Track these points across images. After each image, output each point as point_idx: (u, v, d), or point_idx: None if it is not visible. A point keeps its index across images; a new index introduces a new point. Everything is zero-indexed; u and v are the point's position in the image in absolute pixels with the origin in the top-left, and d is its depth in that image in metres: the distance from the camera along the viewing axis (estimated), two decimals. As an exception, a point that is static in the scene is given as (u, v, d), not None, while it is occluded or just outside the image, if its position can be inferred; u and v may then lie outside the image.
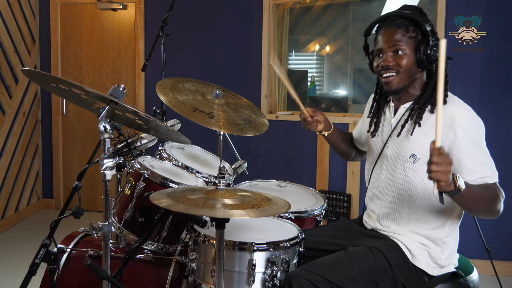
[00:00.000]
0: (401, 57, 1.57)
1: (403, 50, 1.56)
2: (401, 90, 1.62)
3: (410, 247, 1.61)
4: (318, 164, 3.88)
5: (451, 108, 1.53)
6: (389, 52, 1.58)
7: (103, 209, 1.50)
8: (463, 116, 1.51)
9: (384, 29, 1.60)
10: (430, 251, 1.60)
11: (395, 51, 1.57)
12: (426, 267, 1.59)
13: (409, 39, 1.57)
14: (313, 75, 4.85)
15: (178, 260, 1.92)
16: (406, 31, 1.57)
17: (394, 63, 1.58)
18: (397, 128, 1.66)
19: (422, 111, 1.59)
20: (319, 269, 1.51)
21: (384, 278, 1.55)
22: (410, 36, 1.57)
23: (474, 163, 1.49)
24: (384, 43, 1.59)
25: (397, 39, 1.56)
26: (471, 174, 1.48)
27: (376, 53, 1.65)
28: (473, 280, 1.69)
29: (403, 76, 1.59)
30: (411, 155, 1.59)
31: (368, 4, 4.24)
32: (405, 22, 1.57)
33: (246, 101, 1.85)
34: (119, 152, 1.74)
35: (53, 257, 1.77)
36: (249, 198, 1.47)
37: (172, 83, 1.75)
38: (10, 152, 4.13)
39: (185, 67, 4.32)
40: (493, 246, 2.82)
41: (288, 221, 1.87)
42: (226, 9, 4.22)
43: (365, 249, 1.60)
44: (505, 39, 3.21)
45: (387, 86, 1.62)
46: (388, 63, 1.58)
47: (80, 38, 4.60)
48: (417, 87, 1.64)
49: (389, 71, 1.59)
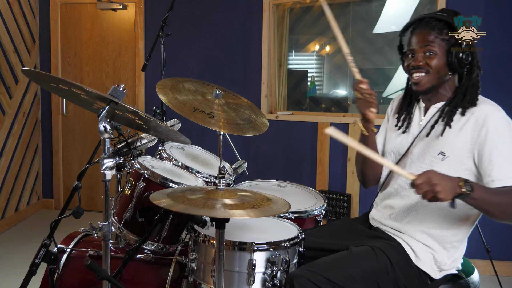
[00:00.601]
0: (432, 57, 1.58)
1: (435, 51, 1.58)
2: (430, 90, 1.63)
3: (415, 249, 1.60)
4: (318, 164, 3.88)
5: (483, 108, 1.55)
6: (420, 53, 1.60)
7: (103, 209, 1.50)
8: (495, 115, 1.53)
9: (418, 30, 1.62)
10: (436, 254, 1.59)
11: (427, 51, 1.59)
12: (430, 270, 1.59)
13: (442, 41, 1.58)
14: (313, 75, 4.85)
15: (178, 260, 1.92)
16: (439, 33, 1.58)
17: (424, 62, 1.59)
18: (426, 128, 1.65)
19: (453, 113, 1.59)
20: (321, 269, 1.51)
21: (386, 279, 1.55)
22: (443, 39, 1.58)
23: (505, 162, 1.49)
24: (416, 44, 1.61)
25: (430, 40, 1.58)
26: (501, 172, 1.47)
27: (408, 53, 1.66)
28: (474, 281, 1.68)
29: (432, 77, 1.60)
30: (440, 152, 1.58)
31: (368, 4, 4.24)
32: (440, 25, 1.58)
33: (246, 101, 1.85)
34: (119, 152, 1.74)
35: (53, 257, 1.77)
36: (249, 198, 1.47)
37: (172, 83, 1.75)
38: (10, 152, 4.13)
39: (185, 67, 4.32)
40: (493, 246, 2.82)
41: (288, 221, 1.87)
42: (226, 9, 4.22)
43: (367, 249, 1.59)
44: (505, 39, 3.21)
45: (416, 86, 1.63)
46: (418, 63, 1.60)
47: (80, 38, 4.60)
48: (448, 89, 1.65)
49: (419, 71, 1.60)
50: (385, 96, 4.26)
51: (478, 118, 1.53)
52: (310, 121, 3.94)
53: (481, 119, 1.53)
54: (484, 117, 1.52)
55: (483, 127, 1.51)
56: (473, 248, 3.16)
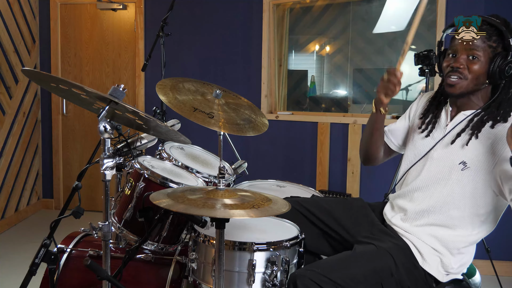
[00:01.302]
0: (474, 62, 1.53)
1: (479, 56, 1.53)
2: (464, 95, 1.59)
3: (422, 251, 1.58)
4: (318, 164, 3.88)
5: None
6: (463, 55, 1.55)
7: (103, 209, 1.50)
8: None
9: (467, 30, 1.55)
10: (443, 258, 1.58)
11: (470, 55, 1.54)
12: (436, 273, 1.57)
13: (488, 47, 1.53)
14: (313, 75, 4.85)
15: (178, 260, 1.92)
16: (488, 39, 1.53)
17: (465, 66, 1.54)
18: (451, 134, 1.61)
19: (482, 125, 1.55)
20: (324, 269, 1.49)
21: (391, 280, 1.53)
22: (490, 45, 1.53)
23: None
24: (461, 45, 1.56)
25: (476, 44, 1.53)
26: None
27: (449, 53, 1.60)
28: (476, 283, 1.68)
29: (469, 82, 1.55)
30: (462, 162, 1.55)
31: (368, 4, 4.24)
32: (490, 30, 1.53)
33: (246, 101, 1.85)
34: (119, 152, 1.74)
35: (53, 257, 1.77)
36: (249, 198, 1.47)
37: (172, 83, 1.75)
38: (10, 152, 4.13)
39: (185, 67, 4.32)
40: (493, 246, 2.81)
41: (288, 221, 1.87)
42: (226, 9, 4.22)
43: (372, 249, 1.58)
44: (505, 39, 3.20)
45: (451, 88, 1.58)
46: (459, 65, 1.55)
47: (80, 38, 4.60)
48: (480, 97, 1.60)
49: (457, 73, 1.55)
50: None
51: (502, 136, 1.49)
52: (310, 121, 3.94)
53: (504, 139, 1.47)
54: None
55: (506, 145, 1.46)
56: (473, 248, 3.17)
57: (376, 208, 1.85)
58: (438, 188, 1.60)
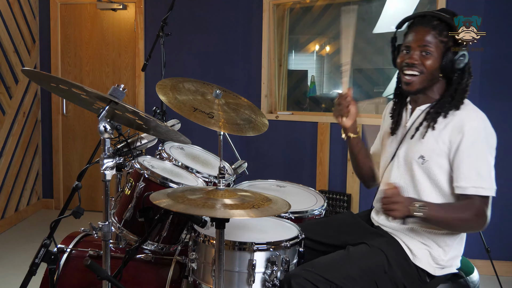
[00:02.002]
0: (428, 58, 1.56)
1: (432, 52, 1.56)
2: (420, 91, 1.62)
3: (411, 247, 1.61)
4: (318, 164, 3.88)
5: (464, 114, 1.56)
6: (417, 51, 1.58)
7: (103, 209, 1.50)
8: (473, 124, 1.53)
9: (417, 27, 1.59)
10: (432, 251, 1.61)
11: (423, 51, 1.57)
12: (427, 267, 1.59)
13: (440, 42, 1.56)
14: (313, 75, 4.85)
15: (178, 260, 1.92)
16: (439, 34, 1.56)
17: (419, 62, 1.58)
18: (411, 130, 1.66)
19: (437, 116, 1.59)
20: (319, 269, 1.51)
21: (384, 278, 1.56)
22: (442, 40, 1.56)
23: (472, 171, 1.51)
24: (413, 42, 1.59)
25: (429, 40, 1.56)
26: (466, 181, 1.51)
27: (403, 49, 1.63)
28: (474, 281, 1.69)
29: (425, 78, 1.59)
30: (420, 156, 1.60)
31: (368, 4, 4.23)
32: (441, 26, 1.56)
33: (246, 101, 1.85)
34: (119, 152, 1.74)
35: (53, 257, 1.77)
36: (249, 198, 1.47)
37: (172, 83, 1.75)
38: (10, 152, 4.13)
39: (185, 67, 4.31)
40: (493, 246, 2.82)
41: (288, 221, 1.87)
42: (226, 9, 4.22)
43: (365, 249, 1.60)
44: (505, 39, 3.21)
45: (407, 86, 1.62)
46: (414, 61, 1.58)
47: (80, 38, 4.60)
48: (436, 91, 1.64)
49: (413, 69, 1.58)
50: (385, 96, 4.26)
51: (456, 123, 1.54)
52: (310, 121, 3.94)
53: (459, 125, 1.54)
54: (461, 124, 1.53)
55: (459, 133, 1.53)
56: (473, 248, 3.16)
57: (363, 216, 1.88)
58: (408, 187, 1.65)
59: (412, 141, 1.64)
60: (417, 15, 1.62)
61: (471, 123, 1.53)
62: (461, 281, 1.67)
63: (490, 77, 3.25)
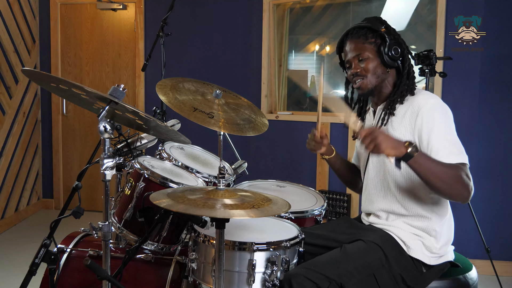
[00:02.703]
0: (366, 62, 1.71)
1: (366, 56, 1.71)
2: (373, 90, 1.75)
3: (404, 239, 1.65)
4: (318, 164, 3.88)
5: (418, 98, 1.67)
6: (355, 61, 1.74)
7: (103, 209, 1.50)
8: (428, 103, 1.63)
9: (347, 43, 1.77)
10: (424, 241, 1.64)
11: (360, 59, 1.72)
12: (422, 257, 1.63)
13: (369, 45, 1.71)
14: (313, 75, 4.85)
15: (178, 260, 1.92)
16: (365, 39, 1.72)
17: (361, 69, 1.72)
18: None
19: (394, 103, 1.70)
20: (318, 267, 1.54)
21: (382, 271, 1.58)
22: (370, 42, 1.71)
23: (441, 144, 1.57)
24: (350, 55, 1.75)
25: (359, 48, 1.72)
26: (437, 152, 1.56)
27: (347, 66, 1.80)
28: (472, 277, 1.70)
29: (371, 78, 1.72)
30: None
31: (368, 4, 4.23)
32: (363, 31, 1.72)
33: (246, 101, 1.85)
34: (119, 152, 1.74)
35: (53, 257, 1.77)
36: (249, 198, 1.47)
37: (172, 83, 1.75)
38: (10, 152, 4.13)
39: (185, 67, 4.32)
40: (493, 246, 2.82)
41: (288, 221, 1.87)
42: (226, 9, 4.22)
43: (361, 244, 1.63)
44: (505, 39, 3.21)
45: (359, 90, 1.77)
46: (356, 70, 1.73)
47: (80, 38, 4.60)
48: (388, 85, 1.76)
49: (358, 77, 1.74)
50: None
51: (413, 108, 1.64)
52: (310, 121, 3.94)
53: (415, 109, 1.63)
54: (418, 106, 1.63)
55: (418, 116, 1.62)
56: (473, 248, 3.17)
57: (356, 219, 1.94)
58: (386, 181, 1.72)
59: None
60: (343, 36, 1.79)
61: (426, 103, 1.62)
62: (460, 277, 1.69)
63: (490, 77, 3.25)
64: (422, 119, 1.60)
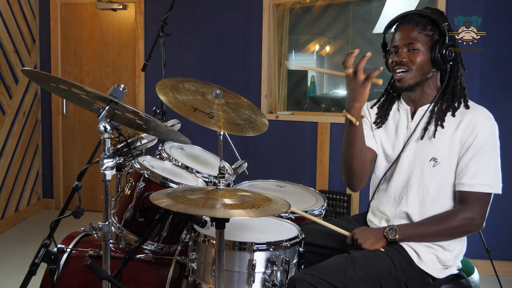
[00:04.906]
0: (415, 54, 1.58)
1: (418, 47, 1.57)
2: (414, 87, 1.62)
3: (418, 251, 1.59)
4: (318, 164, 3.88)
5: (474, 115, 1.56)
6: (404, 49, 1.60)
7: (103, 209, 1.50)
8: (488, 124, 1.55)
9: (401, 27, 1.62)
10: (438, 254, 1.60)
11: (410, 48, 1.59)
12: (432, 271, 1.59)
13: (425, 37, 1.58)
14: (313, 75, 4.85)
15: (178, 260, 1.92)
16: (423, 29, 1.58)
17: (408, 59, 1.59)
18: (416, 131, 1.65)
19: (444, 114, 1.59)
20: (323, 273, 1.48)
21: (389, 279, 1.54)
22: (427, 35, 1.58)
23: (479, 170, 1.52)
24: (400, 40, 1.61)
25: (413, 37, 1.58)
26: (473, 179, 1.52)
27: (392, 50, 1.66)
28: (475, 281, 1.69)
29: (415, 73, 1.59)
30: (432, 158, 1.59)
31: (368, 4, 4.23)
32: (423, 21, 1.58)
33: (246, 101, 1.85)
34: (119, 152, 1.74)
35: (53, 257, 1.77)
36: (249, 198, 1.47)
37: (172, 83, 1.75)
38: (10, 152, 4.13)
39: (185, 67, 4.31)
40: (493, 246, 2.82)
41: (288, 221, 1.87)
42: (226, 9, 4.22)
43: (369, 253, 1.58)
44: (505, 39, 3.21)
45: (399, 83, 1.62)
46: (402, 59, 1.59)
47: (80, 38, 4.60)
48: (432, 86, 1.65)
49: (402, 66, 1.60)
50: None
51: (468, 124, 1.55)
52: (310, 121, 3.94)
53: (471, 125, 1.54)
54: (474, 124, 1.54)
55: (472, 133, 1.54)
56: (473, 248, 3.16)
57: (360, 220, 1.87)
58: (413, 190, 1.63)
59: (421, 143, 1.62)
60: (399, 16, 1.65)
61: (484, 124, 1.54)
62: (463, 281, 1.67)
63: (490, 77, 3.25)
64: (475, 138, 1.53)
